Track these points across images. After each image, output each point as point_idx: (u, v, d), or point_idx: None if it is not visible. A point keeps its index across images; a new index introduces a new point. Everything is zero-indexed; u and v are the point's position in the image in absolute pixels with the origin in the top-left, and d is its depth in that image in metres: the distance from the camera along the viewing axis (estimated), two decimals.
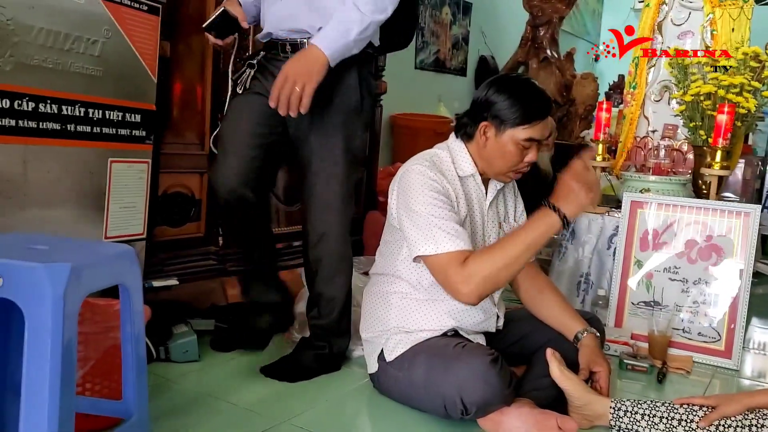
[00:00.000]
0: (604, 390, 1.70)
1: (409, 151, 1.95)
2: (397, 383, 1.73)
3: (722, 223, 2.43)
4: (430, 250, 1.59)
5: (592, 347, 1.76)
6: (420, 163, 1.70)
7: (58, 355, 1.02)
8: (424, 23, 4.66)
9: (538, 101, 1.72)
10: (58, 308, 1.02)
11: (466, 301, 1.59)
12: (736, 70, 2.67)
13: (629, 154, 3.14)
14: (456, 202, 1.70)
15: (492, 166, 1.75)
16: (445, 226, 1.60)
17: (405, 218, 1.66)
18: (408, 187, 1.67)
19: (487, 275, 1.54)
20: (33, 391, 1.02)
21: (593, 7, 7.50)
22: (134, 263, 1.26)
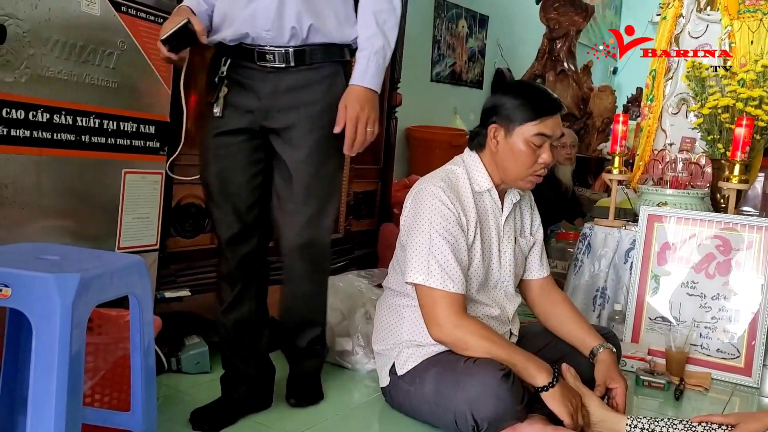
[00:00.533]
0: (621, 407, 1.66)
1: (425, 163, 1.95)
2: (408, 397, 1.71)
3: (741, 238, 2.39)
4: (420, 279, 1.62)
5: (609, 363, 1.73)
6: (435, 183, 1.68)
7: (66, 365, 1.02)
8: (440, 36, 4.66)
9: (544, 97, 1.72)
10: (66, 318, 1.02)
11: (433, 334, 1.64)
12: (755, 83, 2.64)
13: (646, 167, 3.10)
14: (467, 224, 1.69)
15: (507, 172, 1.73)
16: (444, 264, 1.61)
17: (408, 239, 1.67)
18: (418, 209, 1.67)
19: (466, 343, 1.60)
20: (39, 402, 1.02)
21: (611, 20, 7.47)
22: (144, 274, 1.27)
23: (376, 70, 1.57)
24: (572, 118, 5.20)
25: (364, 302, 2.25)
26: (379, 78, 1.58)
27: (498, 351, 1.58)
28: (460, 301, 1.63)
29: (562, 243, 3.54)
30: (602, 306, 2.72)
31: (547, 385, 1.54)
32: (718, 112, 2.66)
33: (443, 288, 1.61)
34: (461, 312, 1.63)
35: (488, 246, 1.76)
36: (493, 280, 1.80)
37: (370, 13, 1.57)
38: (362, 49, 1.58)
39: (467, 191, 1.73)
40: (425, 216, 1.65)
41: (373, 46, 1.56)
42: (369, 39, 1.57)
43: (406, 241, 1.70)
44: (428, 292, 1.62)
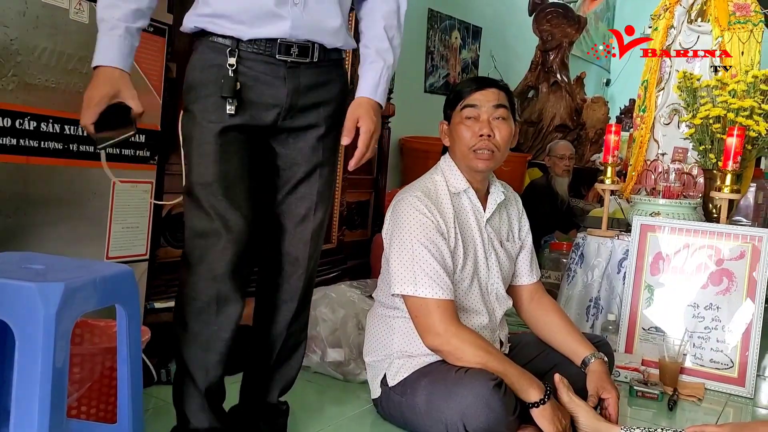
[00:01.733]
0: (613, 417, 1.65)
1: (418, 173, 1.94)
2: (400, 408, 1.70)
3: (734, 248, 2.39)
4: (408, 290, 1.62)
5: (601, 373, 1.72)
6: (412, 194, 1.70)
7: (49, 376, 0.99)
8: (434, 47, 4.68)
9: (469, 80, 1.84)
10: (49, 328, 0.99)
11: (427, 342, 1.63)
12: (746, 93, 2.65)
13: (639, 177, 3.11)
14: (447, 229, 1.69)
15: (458, 157, 1.78)
16: (429, 271, 1.62)
17: (391, 252, 1.67)
18: (398, 220, 1.68)
19: (461, 352, 1.58)
20: (22, 415, 0.99)
21: (603, 32, 7.51)
22: (132, 283, 1.24)
23: (387, 86, 1.53)
24: (565, 129, 5.22)
25: (357, 313, 2.24)
26: (386, 94, 1.54)
27: (493, 363, 1.57)
28: (451, 308, 1.63)
29: (556, 253, 3.53)
30: (596, 316, 2.71)
31: (538, 402, 1.54)
32: (710, 122, 2.67)
33: (433, 296, 1.60)
34: (455, 319, 1.62)
35: (472, 248, 1.76)
36: (483, 283, 1.79)
37: (382, 27, 1.50)
38: (374, 61, 1.49)
39: (445, 195, 1.74)
40: (405, 227, 1.66)
41: (386, 60, 1.50)
42: (382, 52, 1.50)
43: (389, 254, 1.70)
44: (418, 301, 1.62)
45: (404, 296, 1.65)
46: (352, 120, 1.45)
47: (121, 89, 1.28)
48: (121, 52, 1.29)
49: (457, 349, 1.59)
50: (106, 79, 1.27)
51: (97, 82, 1.27)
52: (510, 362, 1.60)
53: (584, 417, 1.60)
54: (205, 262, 1.37)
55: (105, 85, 1.26)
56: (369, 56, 1.50)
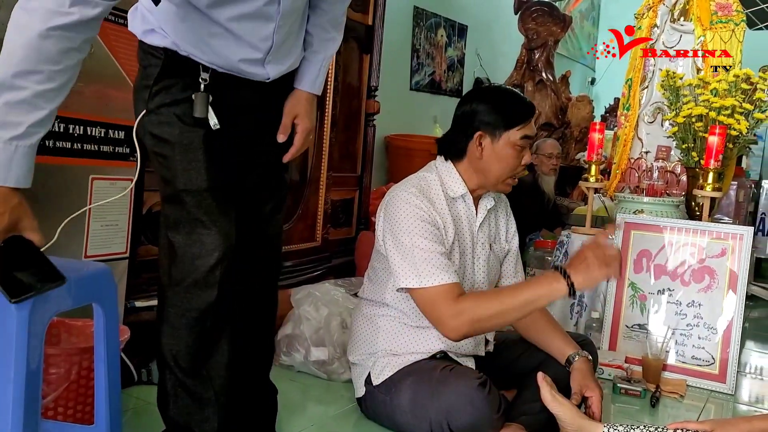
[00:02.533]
0: (597, 415, 1.65)
1: (405, 171, 1.93)
2: (384, 407, 1.69)
3: (715, 245, 2.41)
4: (414, 282, 1.58)
5: (584, 371, 1.72)
6: (406, 189, 1.67)
7: (22, 377, 0.98)
8: (419, 45, 4.67)
9: (523, 101, 1.77)
10: (22, 329, 0.98)
11: (449, 336, 1.56)
12: (727, 92, 2.67)
13: (623, 175, 3.13)
14: (444, 227, 1.67)
15: (490, 177, 1.73)
16: (431, 259, 1.58)
17: (391, 247, 1.64)
18: (394, 216, 1.65)
19: (477, 318, 1.51)
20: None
21: (588, 31, 7.56)
22: (110, 282, 1.23)
23: (324, 76, 1.51)
24: (550, 128, 5.24)
25: (341, 311, 2.22)
26: (323, 83, 1.52)
27: (510, 300, 1.52)
28: (457, 290, 1.57)
29: (540, 251, 3.54)
30: (580, 314, 2.72)
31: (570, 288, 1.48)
32: (692, 120, 2.69)
33: (439, 283, 1.56)
34: (458, 298, 1.55)
35: (463, 252, 1.75)
36: (467, 286, 1.78)
37: (328, 19, 1.47)
38: (316, 51, 1.46)
39: (440, 198, 1.71)
40: (402, 222, 1.63)
41: (327, 50, 1.49)
42: (325, 42, 1.48)
43: (386, 249, 1.67)
44: (425, 293, 1.57)
45: (410, 290, 1.62)
46: (289, 116, 1.44)
47: (21, 218, 1.04)
48: (28, 167, 1.04)
49: (475, 320, 1.52)
50: (3, 206, 1.01)
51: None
52: (519, 287, 1.58)
53: (568, 416, 1.59)
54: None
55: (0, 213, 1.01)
56: (312, 45, 1.47)
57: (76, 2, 1.03)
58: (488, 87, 1.88)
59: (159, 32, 1.27)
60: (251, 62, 1.32)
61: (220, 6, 1.22)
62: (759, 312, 3.65)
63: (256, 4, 1.24)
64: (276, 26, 1.30)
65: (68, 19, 1.02)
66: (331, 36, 1.49)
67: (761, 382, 2.56)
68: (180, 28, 1.25)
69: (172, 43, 1.27)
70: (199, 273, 1.29)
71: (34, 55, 1.01)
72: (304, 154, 2.46)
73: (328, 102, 2.67)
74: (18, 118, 1.01)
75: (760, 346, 3.06)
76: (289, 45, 1.38)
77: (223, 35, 1.26)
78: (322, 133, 2.59)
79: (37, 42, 1.01)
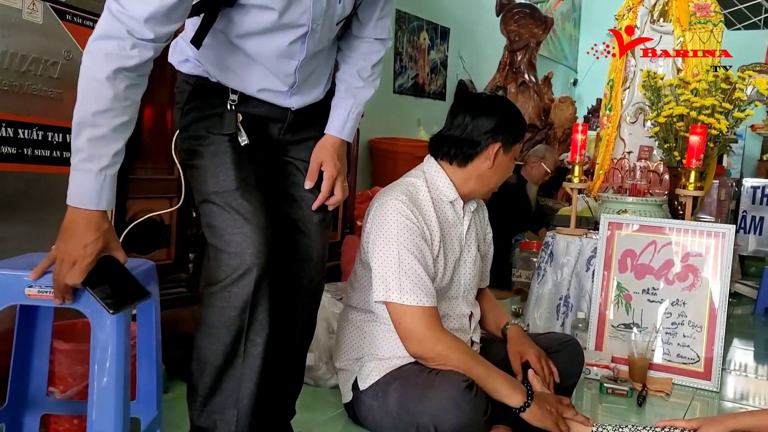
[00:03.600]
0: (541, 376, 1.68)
1: (389, 174, 1.92)
2: (372, 412, 1.68)
3: (698, 244, 2.43)
4: (394, 297, 1.59)
5: (516, 337, 1.78)
6: (396, 197, 1.65)
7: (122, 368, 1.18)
8: (402, 48, 4.68)
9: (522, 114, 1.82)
10: (120, 330, 1.17)
11: (412, 349, 1.61)
12: (707, 92, 2.70)
13: (606, 175, 3.15)
14: (432, 236, 1.67)
15: (488, 185, 1.77)
16: (415, 278, 1.59)
17: (376, 258, 1.63)
18: (382, 225, 1.64)
19: (445, 357, 1.57)
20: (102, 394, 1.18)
21: (570, 33, 7.61)
22: (155, 277, 1.39)
23: (356, 123, 1.53)
24: (534, 129, 5.26)
25: (327, 316, 2.21)
26: (354, 130, 1.54)
27: (477, 368, 1.57)
28: (435, 314, 1.61)
29: (526, 252, 3.56)
30: (566, 314, 2.73)
31: (523, 406, 1.53)
32: (674, 120, 2.71)
33: (418, 303, 1.58)
34: (439, 325, 1.61)
35: (452, 257, 1.75)
36: (455, 290, 1.78)
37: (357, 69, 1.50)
38: (344, 98, 1.50)
39: (428, 203, 1.71)
40: (391, 232, 1.62)
41: (356, 97, 1.50)
42: (356, 90, 1.51)
43: (371, 258, 1.66)
44: (402, 309, 1.59)
45: (387, 303, 1.62)
46: (315, 163, 1.48)
47: (110, 241, 1.16)
48: (113, 193, 1.16)
49: (441, 356, 1.58)
50: (94, 229, 1.13)
51: (82, 231, 1.12)
52: (493, 368, 1.60)
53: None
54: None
55: (95, 237, 1.12)
56: (340, 91, 1.51)
57: (135, 45, 1.12)
58: (494, 97, 1.89)
59: (192, 61, 1.38)
60: (276, 93, 1.40)
61: (248, 38, 1.30)
62: (743, 309, 3.69)
63: (280, 42, 1.31)
64: (299, 65, 1.37)
65: (130, 62, 1.12)
66: (362, 85, 1.52)
67: (746, 378, 2.58)
68: (210, 57, 1.35)
69: (204, 71, 1.37)
70: (235, 272, 1.30)
71: (105, 95, 1.12)
72: None
73: None
74: (101, 150, 1.12)
75: (745, 344, 3.09)
76: (313, 80, 1.45)
77: (250, 65, 1.35)
78: None
79: (107, 83, 1.11)
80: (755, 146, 5.82)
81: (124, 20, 1.10)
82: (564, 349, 1.86)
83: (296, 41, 1.32)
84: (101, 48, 1.11)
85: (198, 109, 1.38)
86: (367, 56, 1.52)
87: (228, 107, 1.36)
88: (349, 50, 1.52)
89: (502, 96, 1.91)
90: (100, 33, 1.11)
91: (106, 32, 1.11)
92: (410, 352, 1.62)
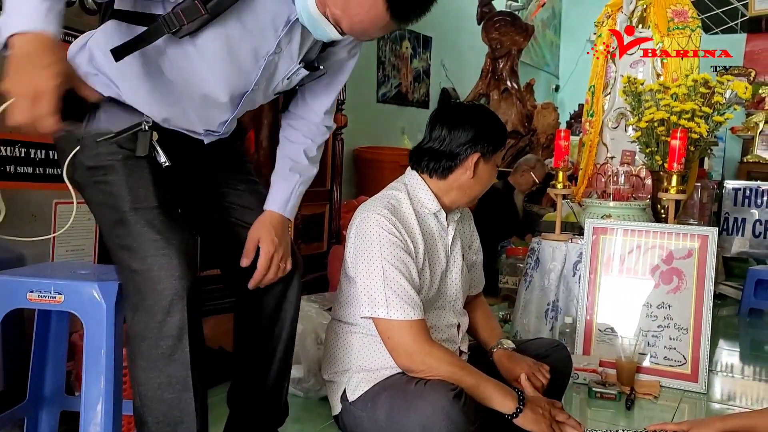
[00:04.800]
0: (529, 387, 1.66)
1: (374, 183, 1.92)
2: (361, 423, 1.67)
3: (682, 247, 2.45)
4: (381, 313, 1.58)
5: (505, 359, 1.77)
6: (378, 212, 1.64)
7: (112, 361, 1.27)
8: (385, 57, 4.70)
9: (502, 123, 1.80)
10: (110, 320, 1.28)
11: (402, 363, 1.59)
12: (687, 97, 2.73)
13: (590, 181, 3.17)
14: (416, 249, 1.67)
15: (470, 195, 1.75)
16: (400, 291, 1.58)
17: (360, 274, 1.63)
18: (365, 240, 1.63)
19: (435, 367, 1.56)
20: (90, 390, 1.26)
21: (551, 40, 7.68)
22: None
23: (298, 200, 1.51)
24: (517, 135, 5.30)
25: (315, 327, 2.20)
26: (296, 208, 1.52)
27: (467, 378, 1.56)
28: (423, 327, 1.61)
29: (512, 258, 3.57)
30: (555, 319, 2.74)
31: (516, 412, 1.53)
32: (655, 125, 2.74)
33: (405, 318, 1.58)
34: (428, 338, 1.60)
35: (438, 268, 1.75)
36: (442, 301, 1.78)
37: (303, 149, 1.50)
38: (289, 175, 1.49)
39: (411, 215, 1.70)
40: (374, 247, 1.62)
41: (303, 176, 1.51)
42: (301, 168, 1.51)
43: (355, 274, 1.66)
44: (390, 324, 1.58)
45: (374, 319, 1.62)
46: (252, 241, 1.42)
47: (71, 73, 1.06)
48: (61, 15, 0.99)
49: (431, 368, 1.57)
50: (50, 52, 0.96)
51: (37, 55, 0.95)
52: (483, 376, 1.60)
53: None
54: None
55: (55, 59, 0.96)
56: (284, 168, 1.50)
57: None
58: (472, 107, 1.87)
59: (102, 78, 1.23)
60: (192, 131, 1.36)
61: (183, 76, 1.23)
62: (728, 310, 3.72)
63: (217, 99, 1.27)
64: (229, 119, 1.36)
65: None
66: (307, 164, 1.51)
67: (732, 379, 2.61)
68: (132, 85, 1.23)
69: (116, 94, 1.24)
70: (164, 298, 1.21)
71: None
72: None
73: None
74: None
75: (730, 345, 3.12)
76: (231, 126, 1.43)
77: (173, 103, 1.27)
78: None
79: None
80: (735, 148, 5.89)
81: None
82: (552, 354, 1.86)
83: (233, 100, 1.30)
84: None
85: (107, 120, 1.24)
86: (314, 137, 1.52)
87: (143, 127, 1.24)
88: (296, 130, 1.51)
89: (480, 105, 1.90)
90: None
91: None
92: (400, 366, 1.62)
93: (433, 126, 1.75)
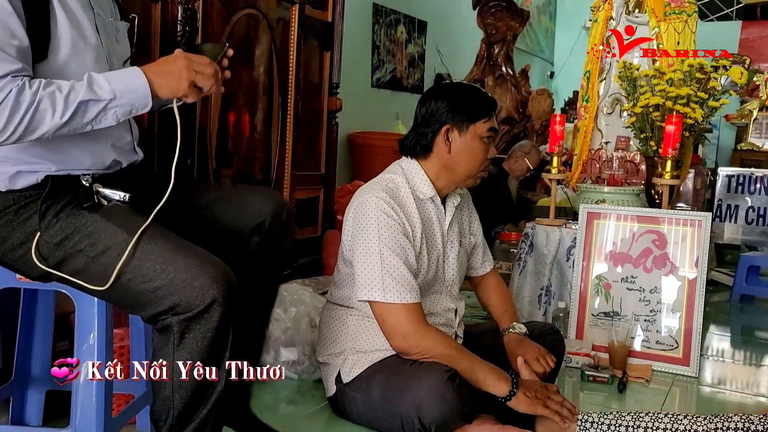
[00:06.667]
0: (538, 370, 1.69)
1: (369, 168, 1.91)
2: (355, 405, 1.68)
3: (675, 232, 2.46)
4: (379, 296, 1.59)
5: (515, 342, 1.78)
6: (377, 195, 1.64)
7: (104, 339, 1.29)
8: (380, 42, 4.67)
9: (485, 95, 1.78)
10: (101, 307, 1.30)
11: (398, 346, 1.61)
12: (682, 82, 2.73)
13: (584, 166, 3.17)
14: (413, 233, 1.67)
15: (458, 172, 1.73)
16: (396, 275, 1.59)
17: (357, 256, 1.63)
18: (363, 224, 1.63)
19: (430, 348, 1.58)
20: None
21: (546, 26, 7.65)
22: None
23: None
24: (512, 122, 5.29)
25: (309, 311, 2.20)
26: None
27: (462, 361, 1.58)
28: (419, 310, 1.61)
29: (506, 244, 3.58)
30: (548, 303, 2.75)
31: (509, 394, 1.54)
32: (650, 110, 2.74)
33: (402, 301, 1.58)
34: (423, 321, 1.61)
35: (435, 253, 1.75)
36: (439, 285, 1.79)
37: None
38: None
39: (410, 200, 1.70)
40: (372, 230, 1.61)
41: None
42: None
43: (352, 257, 1.66)
44: (386, 307, 1.59)
45: (371, 302, 1.62)
46: None
47: None
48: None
49: (426, 351, 1.58)
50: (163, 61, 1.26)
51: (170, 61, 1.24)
52: (478, 359, 1.61)
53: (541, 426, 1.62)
54: None
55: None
56: None
57: None
58: (450, 83, 1.90)
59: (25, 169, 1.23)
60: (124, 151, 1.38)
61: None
62: (720, 296, 3.75)
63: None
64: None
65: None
66: None
67: (723, 364, 2.63)
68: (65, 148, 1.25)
69: (49, 168, 1.24)
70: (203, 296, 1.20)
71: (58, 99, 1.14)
72: (267, 154, 2.44)
73: (290, 100, 2.64)
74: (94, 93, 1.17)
75: (722, 330, 3.14)
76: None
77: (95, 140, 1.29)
78: (285, 132, 2.56)
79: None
80: (729, 136, 5.90)
81: None
82: (545, 337, 1.88)
83: None
84: None
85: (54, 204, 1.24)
86: None
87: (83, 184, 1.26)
88: None
89: (464, 83, 1.90)
90: None
91: None
92: (395, 349, 1.62)
93: (418, 108, 1.77)
